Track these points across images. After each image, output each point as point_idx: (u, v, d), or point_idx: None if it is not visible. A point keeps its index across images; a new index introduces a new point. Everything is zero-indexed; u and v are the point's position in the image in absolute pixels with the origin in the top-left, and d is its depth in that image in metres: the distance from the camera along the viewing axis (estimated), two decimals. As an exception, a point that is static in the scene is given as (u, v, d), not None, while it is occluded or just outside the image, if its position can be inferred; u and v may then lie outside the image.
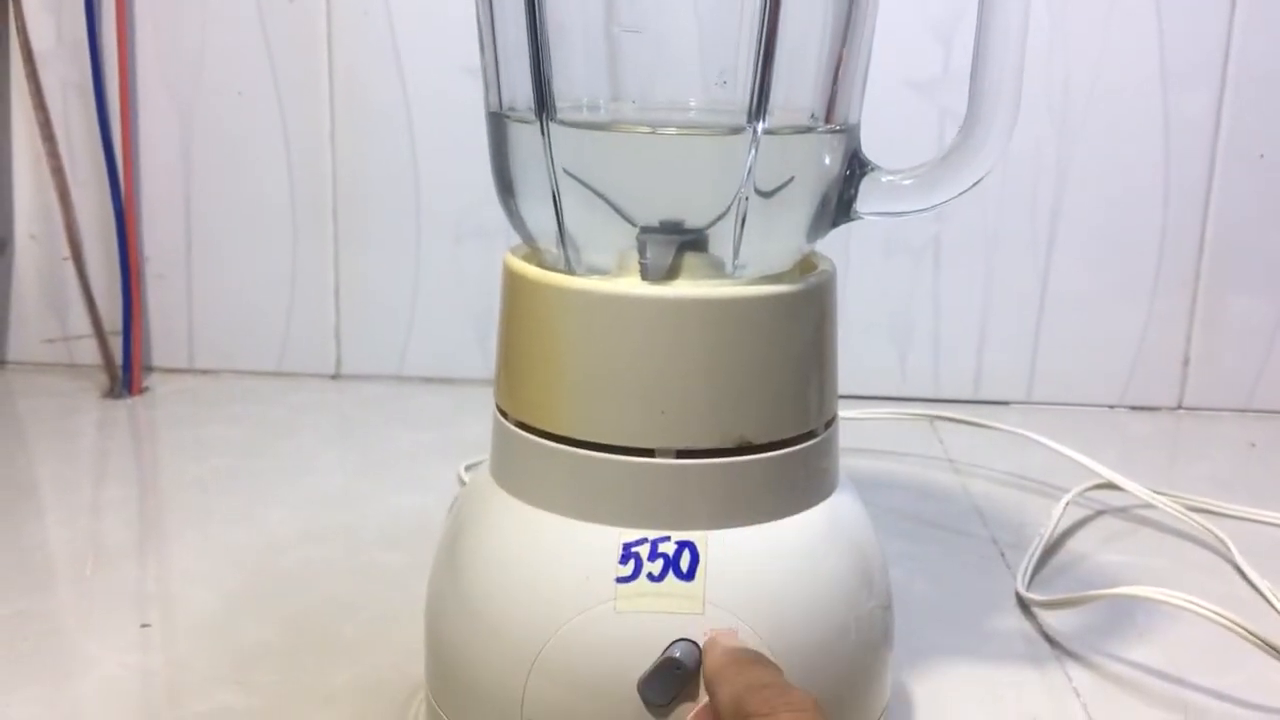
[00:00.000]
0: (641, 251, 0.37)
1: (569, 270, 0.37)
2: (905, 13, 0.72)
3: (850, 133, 0.38)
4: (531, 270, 0.37)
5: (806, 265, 0.40)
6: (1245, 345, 0.76)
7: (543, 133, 0.36)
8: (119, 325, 0.77)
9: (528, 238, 0.39)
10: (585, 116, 0.39)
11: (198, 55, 0.75)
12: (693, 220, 0.38)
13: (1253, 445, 0.71)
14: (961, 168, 0.37)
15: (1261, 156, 0.74)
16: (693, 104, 0.40)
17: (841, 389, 0.82)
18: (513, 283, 0.38)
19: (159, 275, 0.79)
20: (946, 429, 0.72)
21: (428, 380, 0.79)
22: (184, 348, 0.80)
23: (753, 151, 0.36)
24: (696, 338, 0.35)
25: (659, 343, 0.35)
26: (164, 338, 0.80)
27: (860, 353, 0.78)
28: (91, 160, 0.76)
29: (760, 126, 0.35)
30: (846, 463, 0.41)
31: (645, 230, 0.38)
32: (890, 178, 0.38)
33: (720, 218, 0.37)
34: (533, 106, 0.37)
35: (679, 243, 0.38)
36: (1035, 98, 0.73)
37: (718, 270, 0.37)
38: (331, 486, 0.63)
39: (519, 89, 0.38)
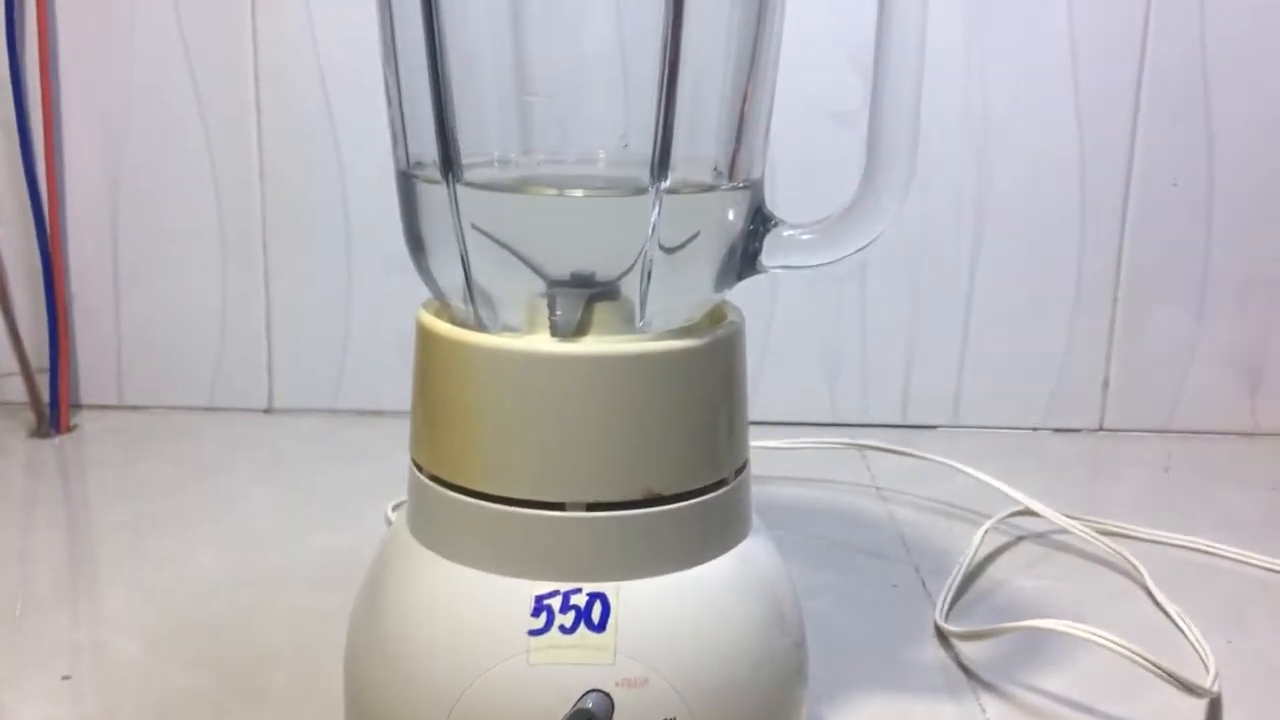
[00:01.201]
0: (551, 306, 0.38)
1: (479, 326, 0.38)
2: (826, 47, 0.73)
3: (754, 188, 0.39)
4: (442, 327, 0.38)
5: (717, 314, 0.41)
6: (1163, 367, 0.78)
7: (450, 194, 0.37)
8: (46, 362, 0.76)
9: (438, 294, 0.40)
10: (492, 174, 0.39)
11: (124, 90, 0.75)
12: (602, 273, 0.38)
13: (1166, 470, 0.73)
14: (861, 224, 0.38)
15: (1175, 184, 0.76)
16: (601, 155, 0.41)
17: (770, 416, 0.83)
18: (425, 338, 0.39)
19: (87, 311, 0.78)
20: (874, 455, 0.73)
21: (361, 413, 0.80)
22: (113, 384, 0.79)
23: (656, 209, 0.37)
24: (605, 394, 0.36)
25: (568, 399, 0.36)
26: (92, 374, 0.79)
27: (788, 379, 0.79)
28: (15, 196, 0.75)
29: (663, 186, 0.36)
30: (775, 491, 0.42)
31: (555, 284, 0.38)
32: (792, 232, 0.39)
33: (628, 271, 0.38)
34: (439, 165, 0.37)
35: (589, 295, 0.38)
36: (953, 122, 0.75)
37: (627, 323, 0.38)
38: (262, 526, 0.63)
39: (426, 147, 0.38)
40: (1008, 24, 0.74)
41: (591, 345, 0.36)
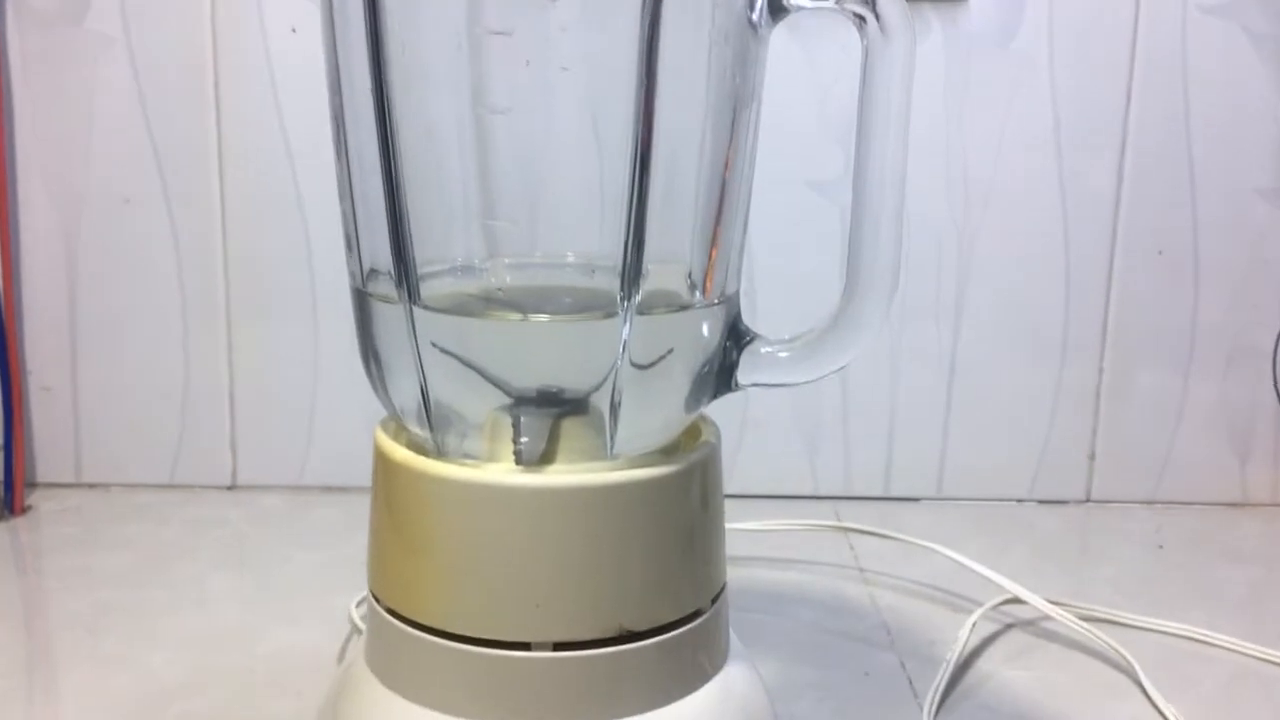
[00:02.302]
0: (516, 429, 0.36)
1: (438, 450, 0.36)
2: (804, 117, 0.71)
3: (729, 303, 0.37)
4: (399, 452, 0.36)
5: (692, 431, 0.39)
6: (1150, 437, 0.77)
7: (406, 315, 0.35)
8: (0, 440, 0.73)
9: (394, 414, 0.38)
10: (452, 285, 0.37)
11: (82, 160, 0.73)
12: (571, 390, 0.36)
13: (1160, 547, 0.71)
14: (841, 342, 0.36)
15: (1160, 253, 0.74)
16: (570, 258, 0.39)
17: (750, 489, 0.81)
18: (382, 463, 0.37)
19: (43, 387, 0.76)
20: (854, 523, 0.71)
21: (327, 489, 0.77)
22: (70, 461, 0.77)
23: (627, 328, 0.35)
24: (574, 528, 0.34)
25: (534, 534, 0.34)
26: (49, 451, 0.76)
27: (767, 450, 0.77)
28: (-30, 269, 0.73)
29: (632, 305, 0.34)
30: (753, 574, 0.40)
31: (520, 401, 0.36)
32: (770, 349, 0.37)
33: (598, 387, 0.36)
34: (394, 279, 0.35)
35: (556, 414, 0.36)
36: (935, 189, 0.74)
37: (597, 445, 0.36)
38: (222, 620, 0.60)
39: (381, 255, 0.36)
40: (989, 91, 0.73)
41: (559, 476, 0.34)
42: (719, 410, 0.40)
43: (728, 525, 0.39)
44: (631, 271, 0.35)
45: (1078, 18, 0.72)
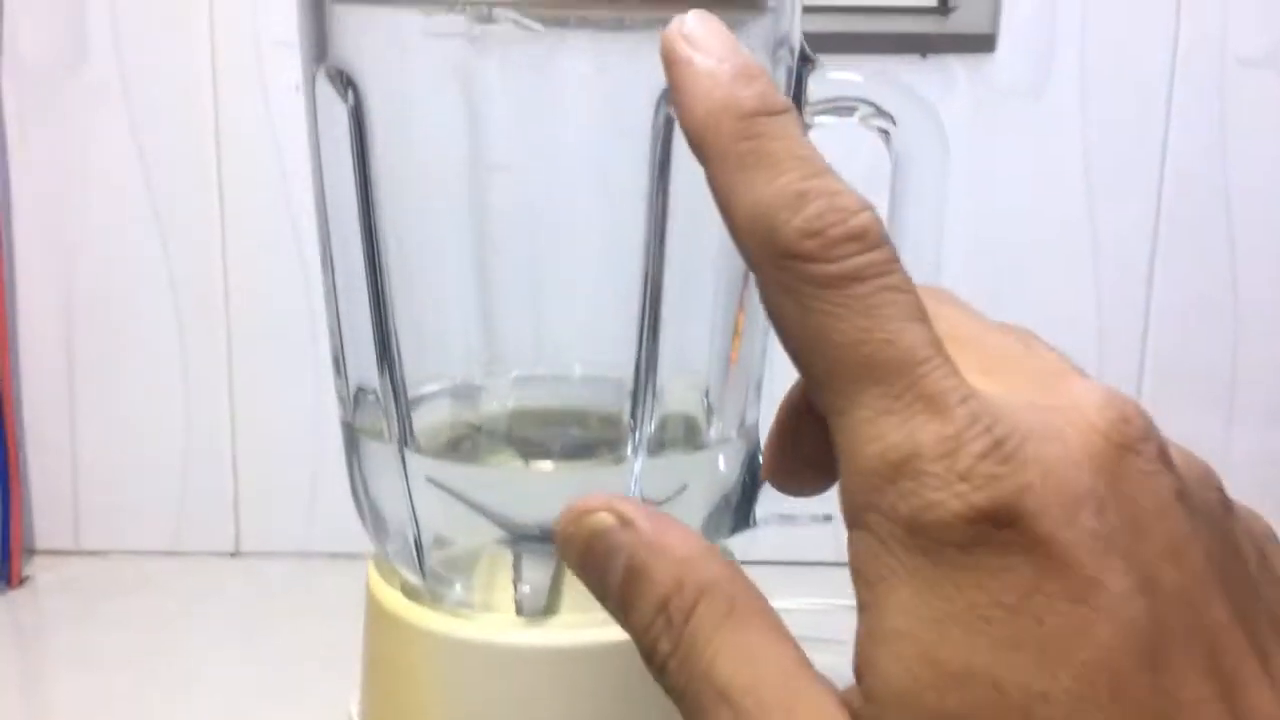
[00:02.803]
0: (517, 570, 0.33)
1: (432, 595, 0.33)
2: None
3: (747, 435, 0.35)
4: (389, 597, 0.33)
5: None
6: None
7: (399, 457, 0.32)
8: (-2, 506, 0.71)
9: (384, 554, 0.35)
10: (446, 413, 0.35)
11: (80, 219, 0.71)
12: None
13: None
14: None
15: (1198, 311, 0.71)
16: (578, 370, 0.37)
17: (771, 556, 0.78)
18: (372, 606, 0.34)
19: (40, 455, 0.73)
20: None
21: (333, 556, 0.75)
22: (69, 527, 0.74)
23: (638, 468, 0.32)
24: (579, 694, 0.31)
25: (536, 698, 0.31)
26: (47, 516, 0.74)
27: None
28: (-34, 331, 0.71)
29: (643, 444, 0.32)
30: None
31: (522, 538, 0.34)
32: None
33: (606, 526, 0.33)
34: (384, 419, 0.33)
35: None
36: (961, 252, 0.71)
37: (605, 590, 0.33)
38: (223, 707, 0.58)
39: (369, 375, 0.34)
40: (1018, 145, 0.70)
41: (563, 632, 0.32)
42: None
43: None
44: (643, 405, 0.32)
45: (1110, 69, 0.69)
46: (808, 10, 0.68)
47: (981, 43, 0.69)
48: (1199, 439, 0.75)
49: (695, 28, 0.21)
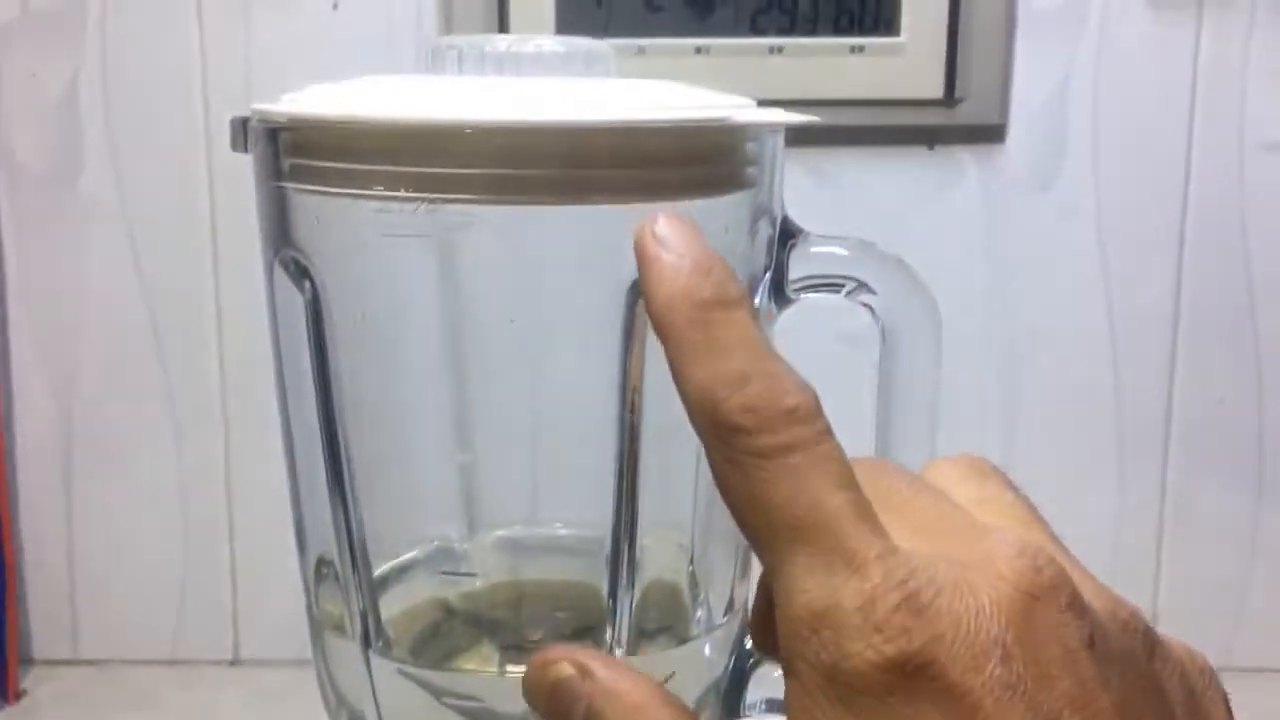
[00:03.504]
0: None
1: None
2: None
3: (737, 615, 0.33)
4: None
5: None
6: (1217, 602, 0.71)
7: (364, 660, 0.31)
8: (-5, 618, 0.70)
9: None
10: (414, 592, 0.33)
11: (76, 332, 0.70)
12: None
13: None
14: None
15: (1221, 403, 0.69)
16: (560, 529, 0.35)
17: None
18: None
19: (38, 563, 0.72)
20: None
21: (336, 663, 0.73)
22: (67, 637, 0.73)
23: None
24: None
25: None
26: (45, 627, 0.73)
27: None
28: (-37, 441, 0.70)
29: (621, 652, 0.30)
30: None
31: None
32: (780, 673, 0.33)
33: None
34: (345, 611, 0.31)
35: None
36: (975, 342, 0.69)
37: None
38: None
39: (329, 546, 0.32)
40: (1032, 237, 0.68)
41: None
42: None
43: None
44: (623, 574, 0.30)
45: (1124, 158, 0.67)
46: (814, 104, 0.66)
47: (991, 133, 0.67)
48: (1227, 519, 0.72)
49: (664, 229, 0.23)
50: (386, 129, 0.25)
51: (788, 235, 0.30)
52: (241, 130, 0.29)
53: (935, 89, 0.64)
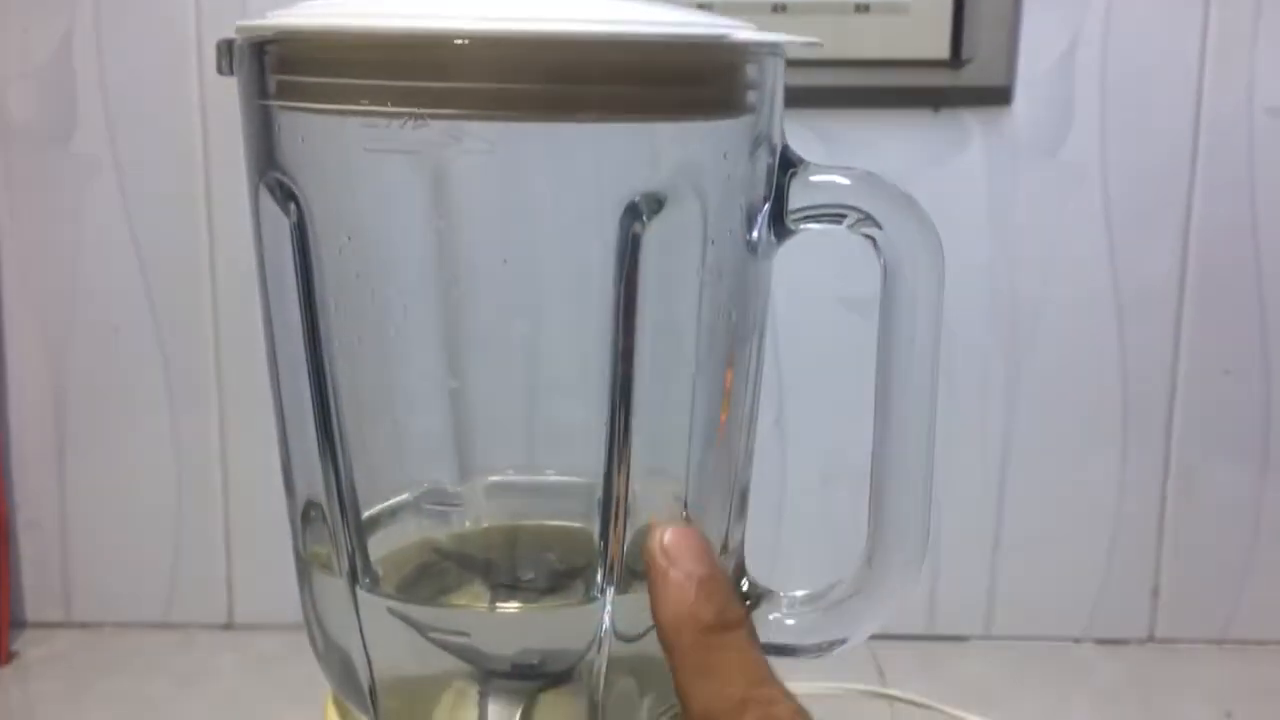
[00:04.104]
0: (482, 711, 0.31)
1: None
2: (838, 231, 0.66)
3: (732, 557, 0.32)
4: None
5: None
6: (1219, 572, 0.70)
7: (350, 597, 0.30)
8: (-14, 579, 0.70)
9: (337, 688, 0.33)
10: (404, 533, 0.32)
11: (70, 287, 0.69)
12: (549, 665, 0.31)
13: (1228, 715, 0.64)
14: (861, 610, 0.31)
15: (1227, 372, 0.68)
16: (550, 474, 0.34)
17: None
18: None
19: (31, 524, 0.72)
20: (896, 675, 0.66)
21: (330, 629, 0.72)
22: (60, 599, 0.72)
23: (608, 603, 0.30)
24: None
25: None
26: (37, 589, 0.72)
27: (800, 584, 0.71)
28: (-45, 400, 0.69)
29: (610, 594, 0.29)
30: None
31: (489, 674, 0.31)
32: (776, 615, 0.32)
33: (579, 660, 0.31)
34: (333, 548, 0.30)
35: (531, 689, 0.31)
36: (980, 313, 0.68)
37: (581, 729, 0.31)
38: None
39: (317, 489, 0.32)
40: (1037, 202, 0.67)
41: (528, 786, 0.29)
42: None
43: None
44: (615, 516, 0.30)
45: (1132, 121, 0.66)
46: (818, 64, 0.65)
47: (997, 95, 0.66)
48: (1231, 491, 0.72)
49: (672, 544, 0.26)
50: (374, 40, 0.25)
51: (788, 164, 0.29)
52: (227, 52, 0.28)
53: (941, 49, 0.63)
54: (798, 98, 0.33)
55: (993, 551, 0.71)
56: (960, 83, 0.65)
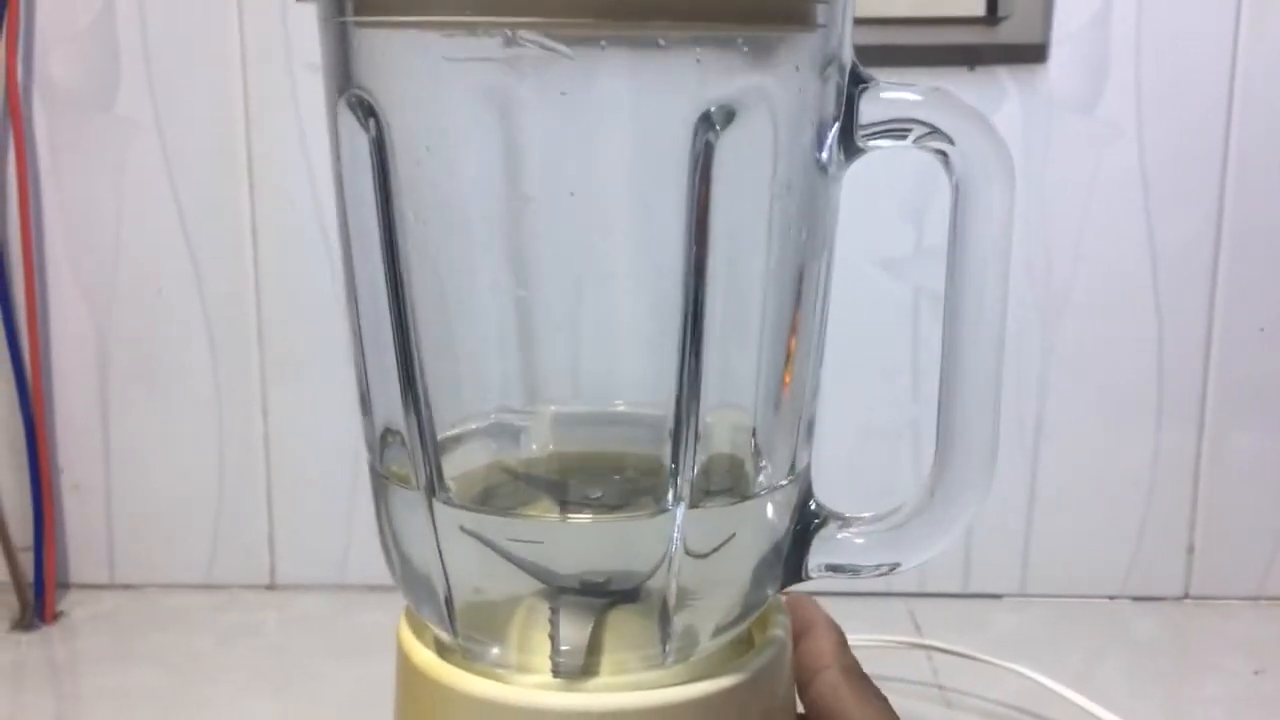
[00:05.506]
0: (555, 629, 0.31)
1: (464, 653, 0.31)
2: (874, 194, 0.66)
3: (798, 481, 0.33)
4: (421, 654, 0.32)
5: (761, 621, 0.34)
6: (1254, 531, 0.70)
7: (427, 509, 0.30)
8: (30, 540, 0.70)
9: (417, 609, 0.33)
10: (479, 455, 0.33)
11: (112, 250, 0.70)
12: (618, 583, 0.32)
13: (1256, 673, 0.64)
14: (929, 530, 0.31)
15: (1262, 330, 0.68)
16: (620, 405, 0.35)
17: (818, 586, 0.75)
18: (403, 662, 0.32)
19: (75, 486, 0.73)
20: (933, 630, 0.66)
21: (371, 589, 0.73)
22: (104, 561, 0.73)
23: (679, 522, 0.30)
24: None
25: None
26: (82, 551, 0.73)
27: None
28: (-1, 365, 0.70)
29: (682, 509, 0.30)
30: None
31: (560, 590, 0.32)
32: (846, 534, 0.32)
33: (649, 577, 0.31)
34: (410, 464, 0.31)
35: (601, 607, 0.32)
36: (1015, 271, 0.68)
37: (648, 648, 0.31)
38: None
39: (395, 414, 0.32)
40: (1073, 160, 0.67)
41: (603, 696, 0.29)
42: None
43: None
44: (685, 446, 0.30)
45: (1168, 78, 0.66)
46: (853, 22, 0.66)
47: (1032, 53, 0.66)
48: (1265, 456, 0.72)
49: None
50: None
51: (859, 80, 0.30)
52: (305, -27, 0.29)
53: (976, 6, 0.64)
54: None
55: (1028, 511, 0.71)
56: (995, 40, 0.65)
